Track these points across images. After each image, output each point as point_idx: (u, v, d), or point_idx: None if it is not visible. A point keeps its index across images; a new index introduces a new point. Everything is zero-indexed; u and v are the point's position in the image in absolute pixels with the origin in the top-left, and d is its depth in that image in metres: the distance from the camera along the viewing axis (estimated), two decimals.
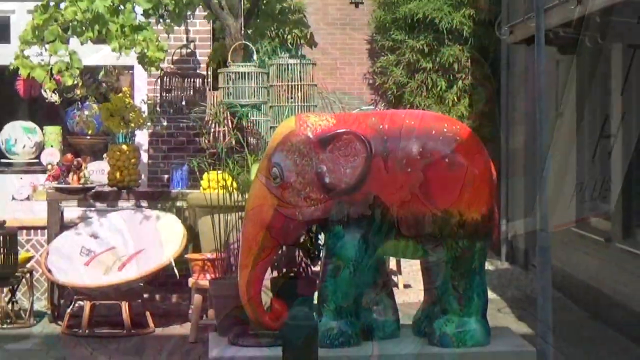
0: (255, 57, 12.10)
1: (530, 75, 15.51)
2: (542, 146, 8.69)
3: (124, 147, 13.22)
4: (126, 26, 11.83)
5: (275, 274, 10.51)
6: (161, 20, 12.52)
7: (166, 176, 13.70)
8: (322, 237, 10.21)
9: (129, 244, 12.60)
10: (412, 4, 18.58)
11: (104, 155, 13.74)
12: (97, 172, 13.76)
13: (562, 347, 8.64)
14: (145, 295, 12.69)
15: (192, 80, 13.61)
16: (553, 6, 11.05)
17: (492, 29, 17.16)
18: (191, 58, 13.99)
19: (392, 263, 13.62)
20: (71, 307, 12.37)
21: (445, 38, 18.56)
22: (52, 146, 14.44)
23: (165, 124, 13.86)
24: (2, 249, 11.71)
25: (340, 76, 19.30)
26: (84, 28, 11.88)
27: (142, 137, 13.93)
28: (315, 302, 9.88)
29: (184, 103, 13.45)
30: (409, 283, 14.06)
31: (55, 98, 13.87)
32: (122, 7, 11.92)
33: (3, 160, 14.48)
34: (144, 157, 13.92)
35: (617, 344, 11.46)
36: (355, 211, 9.39)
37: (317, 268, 10.54)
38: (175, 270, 12.26)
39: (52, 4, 12.07)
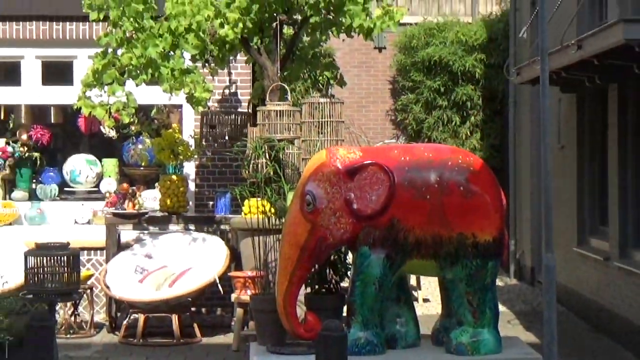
0: (289, 96, 12.11)
1: (535, 112, 15.48)
2: (547, 176, 8.67)
3: (174, 177, 13.25)
4: (176, 70, 11.87)
5: (308, 290, 10.52)
6: (207, 64, 12.56)
7: (211, 203, 13.70)
8: (350, 257, 10.24)
9: (178, 263, 12.61)
10: (429, 49, 18.59)
11: (156, 184, 13.76)
12: (150, 199, 13.78)
13: (566, 356, 8.58)
14: (193, 309, 12.68)
15: (234, 117, 13.61)
16: (556, 51, 11.03)
17: (501, 71, 17.15)
18: (233, 97, 14.00)
19: (412, 279, 13.58)
20: (127, 319, 12.37)
21: (459, 79, 18.56)
22: (110, 176, 14.48)
23: (210, 156, 13.86)
24: (66, 268, 11.71)
25: (365, 113, 19.30)
26: (138, 72, 11.94)
27: (189, 168, 13.94)
28: (345, 314, 9.90)
29: (227, 137, 13.45)
30: (428, 297, 14.02)
31: (112, 133, 13.94)
32: (172, 53, 11.97)
33: (67, 189, 14.54)
34: (192, 186, 13.92)
35: (616, 354, 11.39)
36: (380, 234, 9.38)
37: (345, 284, 10.55)
38: (220, 287, 12.27)
39: (110, 50, 12.14)
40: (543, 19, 8.83)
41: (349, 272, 10.44)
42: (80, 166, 14.41)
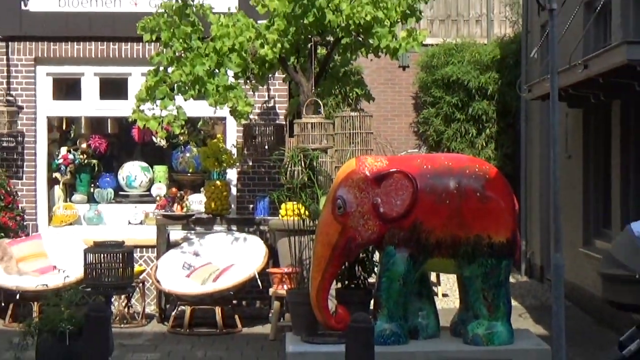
0: (322, 110, 12.11)
1: (544, 125, 15.41)
2: (555, 182, 8.64)
3: (218, 182, 13.27)
4: (220, 86, 11.90)
5: (339, 285, 10.53)
6: (248, 81, 12.58)
7: (251, 206, 13.71)
8: (377, 256, 10.24)
9: (222, 260, 12.62)
10: (447, 68, 18.55)
11: (202, 189, 13.79)
12: (196, 202, 13.80)
13: (572, 347, 8.53)
14: (235, 302, 12.68)
15: (272, 128, 13.61)
16: (564, 70, 10.99)
17: (513, 87, 17.08)
18: (272, 111, 14.02)
19: (432, 276, 13.54)
20: (175, 311, 12.38)
21: (475, 95, 18.50)
22: (160, 181, 14.53)
23: (250, 164, 13.87)
24: (121, 264, 11.77)
25: (390, 125, 19.28)
26: (187, 88, 11.98)
27: (232, 174, 13.94)
28: (372, 308, 9.90)
29: (266, 147, 13.44)
30: (447, 293, 13.98)
31: (163, 143, 13.99)
32: (217, 71, 12.01)
33: (121, 193, 14.59)
34: (234, 191, 13.94)
35: (616, 343, 11.32)
36: (404, 235, 9.39)
37: (372, 280, 10.54)
38: (259, 282, 12.28)
39: (161, 68, 12.18)
40: (553, 40, 8.81)
41: (375, 269, 10.45)
42: (135, 172, 14.48)
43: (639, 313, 8.51)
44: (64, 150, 14.50)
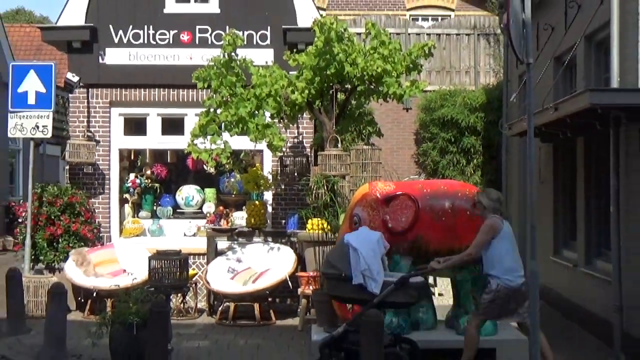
0: (340, 144, 12.15)
1: (521, 157, 15.39)
2: (531, 204, 8.61)
3: (257, 202, 13.31)
4: (259, 125, 11.94)
5: None
6: (281, 120, 12.61)
7: (283, 221, 13.70)
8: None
9: (259, 265, 12.62)
10: (443, 110, 18.53)
11: (244, 207, 13.81)
12: (239, 218, 13.82)
13: (545, 336, 8.50)
14: (270, 299, 12.67)
15: (301, 159, 13.65)
16: (538, 111, 10.98)
17: (496, 126, 17.07)
18: (300, 144, 14.04)
19: (431, 279, 13.50)
20: (222, 306, 12.39)
21: (465, 131, 18.48)
22: (210, 201, 14.56)
23: (283, 187, 13.87)
24: (178, 268, 11.79)
25: (396, 156, 19.25)
26: (232, 126, 12.03)
27: (268, 196, 13.96)
28: None
29: (295, 174, 13.49)
30: (442, 292, 13.90)
31: (212, 170, 14.02)
32: (256, 112, 12.05)
33: (178, 210, 14.64)
34: (269, 209, 13.94)
35: (581, 335, 11.26)
36: (407, 245, 9.40)
37: None
38: (289, 283, 12.28)
39: (211, 110, 12.25)
40: (529, 88, 8.80)
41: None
42: (192, 193, 14.53)
43: (348, 303, 9.22)
44: (132, 175, 14.57)
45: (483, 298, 8.60)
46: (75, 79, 13.94)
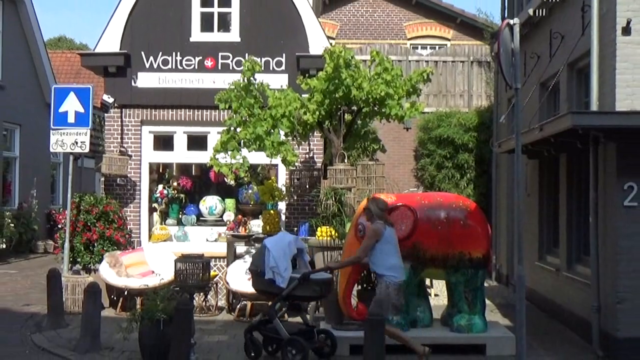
0: (347, 160, 12.17)
1: (510, 172, 15.35)
2: (519, 214, 8.62)
3: (272, 211, 13.31)
4: (274, 142, 11.99)
5: (359, 287, 10.51)
6: (295, 138, 12.65)
7: (295, 228, 13.66)
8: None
9: None
10: (439, 129, 18.55)
11: (260, 216, 13.81)
12: (256, 226, 13.79)
13: (530, 335, 8.49)
14: None
15: (311, 172, 13.67)
16: (525, 131, 10.99)
17: (487, 144, 17.09)
18: (311, 160, 14.05)
19: (427, 281, 13.48)
20: (239, 304, 12.37)
21: (459, 149, 18.49)
22: (229, 210, 14.53)
23: (295, 198, 13.88)
24: (201, 270, 11.76)
25: (397, 171, 19.25)
26: (250, 143, 12.08)
27: (282, 206, 13.96)
28: None
29: (306, 186, 13.50)
30: (438, 293, 13.90)
31: (232, 182, 14.03)
32: (272, 131, 12.09)
33: (202, 218, 14.62)
34: (283, 217, 13.95)
35: (564, 334, 11.23)
36: (407, 251, 9.39)
37: None
38: None
39: (232, 129, 12.30)
40: (517, 110, 8.84)
41: None
42: (215, 203, 14.46)
43: (265, 295, 9.72)
44: (160, 187, 14.58)
45: (378, 300, 8.72)
46: (111, 100, 14.00)
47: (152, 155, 14.39)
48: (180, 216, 14.61)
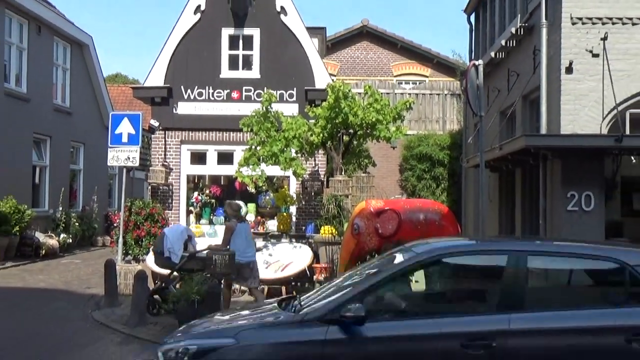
0: (344, 173, 12.16)
1: (476, 183, 15.32)
2: (483, 217, 8.61)
3: (285, 214, 13.32)
4: (287, 158, 11.99)
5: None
6: (303, 155, 12.65)
7: (304, 227, 13.72)
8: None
9: (286, 258, 12.53)
10: (420, 148, 18.53)
11: (275, 217, 13.84)
12: (272, 225, 13.82)
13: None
14: (293, 283, 12.61)
15: (316, 183, 13.68)
16: (488, 150, 10.99)
17: (458, 160, 17.06)
18: (316, 172, 14.09)
19: None
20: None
21: (436, 164, 18.46)
22: (251, 213, 14.52)
23: (303, 203, 13.92)
24: (227, 260, 11.74)
25: (385, 181, 19.15)
26: (267, 159, 12.08)
27: (293, 209, 13.99)
28: None
29: (312, 194, 13.52)
30: (418, 280, 13.85)
31: (253, 190, 14.03)
32: (285, 149, 12.10)
33: None
34: (294, 219, 13.97)
35: None
36: (392, 246, 9.31)
37: None
38: (307, 272, 12.23)
39: (253, 147, 12.30)
40: (481, 133, 8.83)
41: None
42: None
43: (164, 268, 10.18)
44: (195, 194, 14.60)
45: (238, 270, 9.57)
46: (156, 124, 14.05)
47: (189, 168, 14.41)
48: (211, 217, 14.61)
